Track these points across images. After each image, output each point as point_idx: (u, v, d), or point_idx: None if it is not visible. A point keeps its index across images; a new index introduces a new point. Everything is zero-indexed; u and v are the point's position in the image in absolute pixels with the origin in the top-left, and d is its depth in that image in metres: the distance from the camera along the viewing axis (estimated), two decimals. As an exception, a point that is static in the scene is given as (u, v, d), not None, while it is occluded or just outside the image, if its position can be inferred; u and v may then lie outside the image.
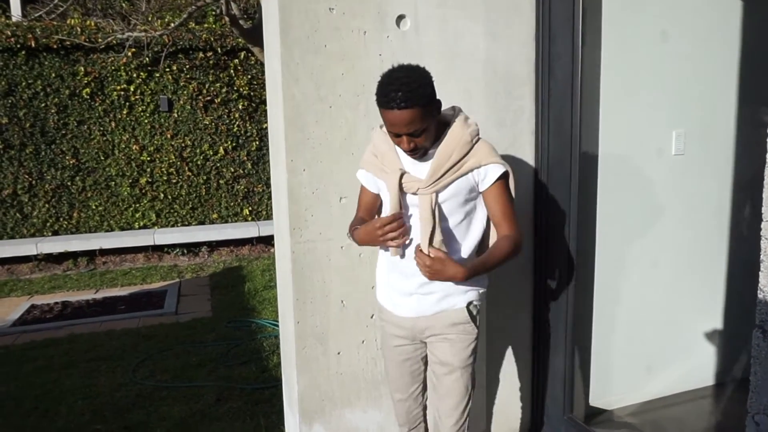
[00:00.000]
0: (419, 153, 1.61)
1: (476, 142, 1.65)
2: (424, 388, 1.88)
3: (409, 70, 1.53)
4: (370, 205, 1.84)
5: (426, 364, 1.84)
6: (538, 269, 2.42)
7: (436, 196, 1.63)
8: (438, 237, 1.62)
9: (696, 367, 2.76)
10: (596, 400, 2.56)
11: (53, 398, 3.27)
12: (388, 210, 1.71)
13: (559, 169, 2.26)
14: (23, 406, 3.19)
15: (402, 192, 1.67)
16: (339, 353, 2.16)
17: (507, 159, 2.30)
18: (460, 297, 1.71)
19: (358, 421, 2.22)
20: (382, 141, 1.70)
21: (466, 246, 1.71)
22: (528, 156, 2.35)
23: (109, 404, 3.18)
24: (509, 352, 2.45)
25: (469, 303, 1.73)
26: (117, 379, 3.50)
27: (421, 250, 1.60)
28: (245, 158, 6.87)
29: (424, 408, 1.91)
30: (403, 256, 1.70)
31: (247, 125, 6.84)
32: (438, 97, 1.60)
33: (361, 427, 2.23)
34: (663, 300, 2.63)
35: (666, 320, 2.65)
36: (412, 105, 1.48)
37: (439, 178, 1.62)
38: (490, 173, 1.65)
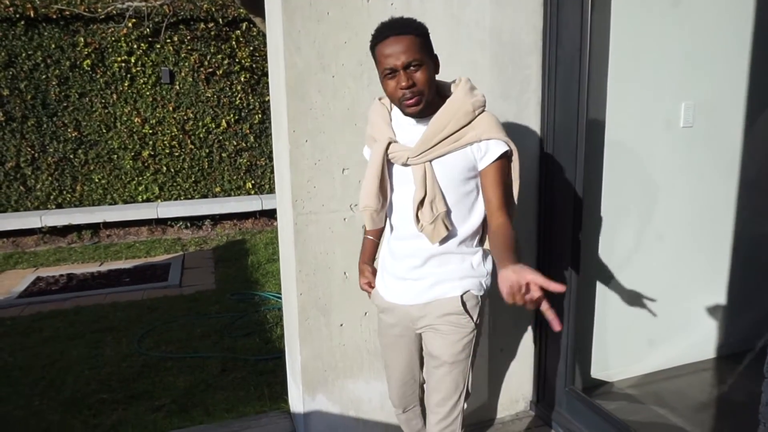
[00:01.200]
0: (418, 98, 1.42)
1: (479, 113, 1.48)
2: (421, 371, 1.78)
3: (401, 16, 1.50)
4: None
5: (422, 356, 1.73)
6: (541, 242, 2.41)
7: (431, 166, 1.47)
8: (441, 209, 1.47)
9: (698, 340, 2.77)
10: (598, 372, 2.57)
11: (60, 368, 3.31)
12: (366, 183, 1.54)
13: (565, 141, 2.23)
14: (30, 375, 3.24)
15: (389, 163, 1.53)
16: (342, 325, 2.17)
17: (512, 131, 2.28)
18: (453, 284, 1.55)
19: (360, 392, 2.24)
20: (376, 111, 1.60)
21: (465, 230, 1.54)
22: (534, 127, 2.31)
23: (114, 374, 3.22)
24: (512, 326, 2.45)
25: (465, 292, 1.55)
26: (122, 349, 3.54)
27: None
28: (248, 131, 6.83)
29: (422, 390, 1.80)
30: (392, 233, 1.60)
31: (250, 98, 6.77)
32: (436, 52, 1.51)
33: (364, 398, 2.25)
34: (667, 273, 2.62)
35: (669, 293, 2.65)
36: (410, 32, 1.41)
37: (430, 148, 1.45)
38: (491, 150, 1.47)
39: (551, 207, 2.34)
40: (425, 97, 1.44)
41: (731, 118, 2.57)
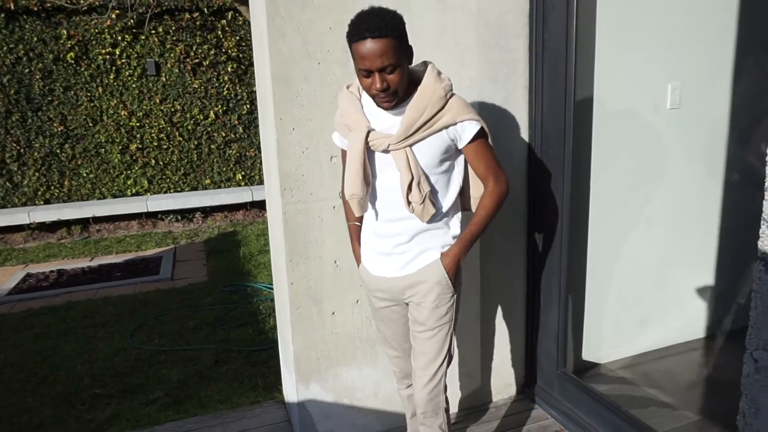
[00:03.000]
0: (390, 97, 1.50)
1: (450, 97, 1.57)
2: None
3: (379, 8, 1.48)
4: None
5: None
6: (531, 226, 2.41)
7: (411, 150, 1.56)
8: (425, 188, 1.56)
9: (688, 320, 2.80)
10: (589, 354, 2.59)
11: (52, 364, 3.30)
12: (351, 172, 1.59)
13: (553, 124, 2.23)
14: (22, 372, 3.22)
15: (369, 151, 1.59)
16: (333, 313, 2.17)
17: (500, 115, 2.27)
18: (434, 252, 1.66)
19: (354, 379, 2.24)
20: (346, 100, 1.63)
21: (446, 201, 1.65)
22: (522, 111, 2.31)
23: (107, 369, 3.21)
24: (503, 310, 2.46)
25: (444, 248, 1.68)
26: (115, 344, 3.53)
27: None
28: (236, 122, 6.78)
29: None
30: (377, 218, 1.67)
31: (237, 88, 6.71)
32: (411, 44, 1.52)
33: (357, 385, 2.25)
34: (656, 255, 2.64)
35: (659, 275, 2.67)
36: (387, 34, 1.41)
37: (411, 134, 1.54)
38: (467, 130, 1.58)
39: (541, 190, 2.34)
40: (399, 95, 1.52)
41: (719, 100, 2.57)
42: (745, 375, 1.10)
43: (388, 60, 1.43)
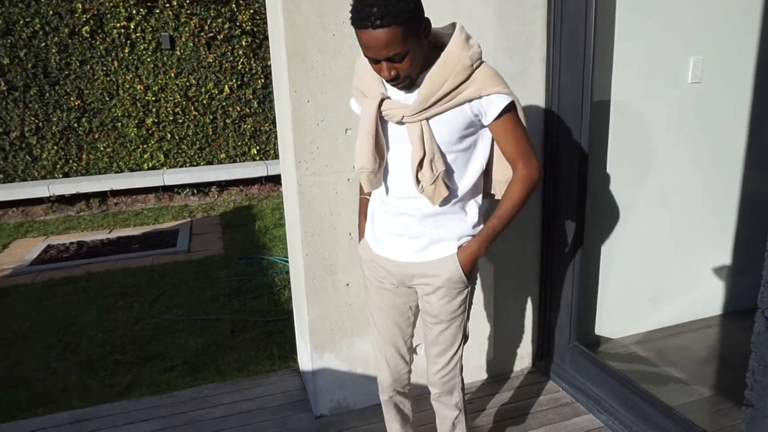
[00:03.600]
0: (403, 83, 1.35)
1: (477, 66, 1.37)
2: (411, 347, 1.73)
3: None
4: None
5: (415, 315, 1.68)
6: (546, 200, 2.41)
7: (428, 123, 1.40)
8: (440, 168, 1.41)
9: (704, 297, 2.79)
10: (602, 329, 2.60)
11: (74, 332, 3.39)
12: (361, 143, 1.46)
13: (571, 98, 2.20)
14: (47, 339, 3.32)
15: (383, 121, 1.44)
16: (348, 285, 2.20)
17: (516, 87, 2.25)
18: (451, 244, 1.51)
19: (367, 350, 2.28)
20: (362, 65, 1.48)
21: (464, 184, 1.48)
22: (538, 84, 2.28)
23: (127, 337, 3.29)
24: (517, 283, 2.48)
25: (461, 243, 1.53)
26: (134, 313, 3.62)
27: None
28: (251, 96, 6.78)
29: (409, 372, 1.74)
30: (388, 193, 1.53)
31: (252, 62, 6.70)
32: (427, 16, 1.34)
33: (371, 355, 2.29)
34: (673, 230, 2.62)
35: (675, 251, 2.65)
36: (390, 22, 1.22)
37: (428, 107, 1.37)
38: (494, 104, 1.38)
39: (556, 164, 2.32)
40: (413, 78, 1.36)
41: (741, 74, 2.52)
42: (756, 333, 1.11)
43: (395, 50, 1.26)
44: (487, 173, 1.55)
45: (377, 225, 1.60)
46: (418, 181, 1.43)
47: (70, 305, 3.78)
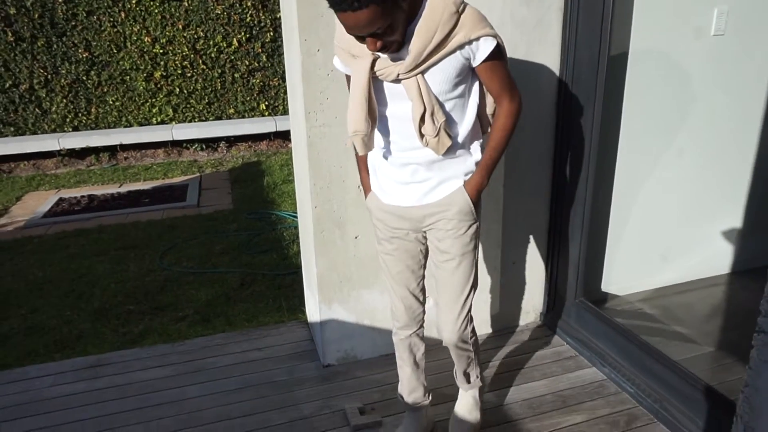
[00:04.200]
0: (391, 48, 1.36)
1: (462, 10, 1.37)
2: (423, 288, 1.78)
3: None
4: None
5: (425, 257, 1.73)
6: (558, 154, 2.37)
7: (423, 77, 1.41)
8: (441, 119, 1.43)
9: (712, 255, 2.78)
10: (608, 286, 2.61)
11: (87, 282, 3.46)
12: (354, 106, 1.45)
13: (588, 49, 2.14)
14: (61, 288, 3.39)
15: (375, 80, 1.45)
16: (356, 237, 2.20)
17: (532, 37, 2.19)
18: (457, 180, 1.57)
19: (375, 302, 2.31)
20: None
21: (463, 129, 1.53)
22: (555, 34, 2.22)
23: (139, 288, 3.35)
24: (525, 238, 2.48)
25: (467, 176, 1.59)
26: (145, 265, 3.67)
27: None
28: (260, 50, 6.66)
29: (423, 312, 1.80)
30: (391, 148, 1.55)
31: (261, 14, 6.55)
32: None
33: (378, 307, 2.32)
34: (686, 188, 2.59)
35: (687, 209, 2.63)
36: (368, 2, 1.21)
37: (422, 61, 1.38)
38: (482, 48, 1.41)
39: (569, 117, 2.28)
40: (400, 41, 1.36)
41: (767, 26, 2.43)
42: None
43: (377, 26, 1.26)
44: (480, 115, 1.59)
45: (382, 177, 1.62)
46: (421, 135, 1.45)
47: (83, 257, 3.84)
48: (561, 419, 2.01)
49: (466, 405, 1.92)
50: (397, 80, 1.42)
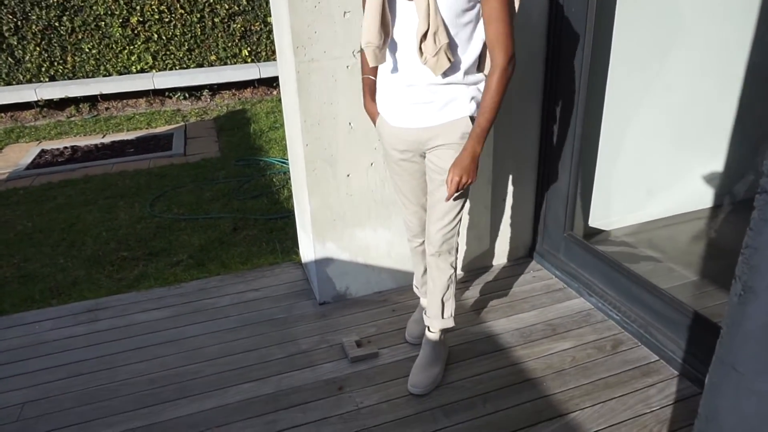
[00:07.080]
0: None
1: None
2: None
3: None
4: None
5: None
6: (547, 89, 2.37)
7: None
8: (443, 40, 1.46)
9: (697, 189, 2.83)
10: (596, 221, 2.66)
11: (78, 231, 3.45)
12: (368, 18, 1.49)
13: (579, -21, 2.10)
14: (51, 237, 3.38)
15: None
16: (348, 175, 2.21)
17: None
18: (463, 105, 1.60)
19: (368, 239, 2.34)
20: None
21: (466, 59, 1.55)
22: (545, -35, 2.17)
23: (131, 235, 3.35)
24: (515, 173, 2.50)
25: (474, 112, 1.64)
26: (136, 213, 3.66)
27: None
28: (239, -7, 6.43)
29: None
30: (398, 67, 1.58)
31: (239, -46, 6.29)
32: None
33: (372, 244, 2.36)
34: (672, 123, 2.61)
35: (673, 144, 2.66)
36: None
37: None
38: None
39: (559, 51, 2.26)
40: None
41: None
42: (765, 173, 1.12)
43: None
44: (484, 52, 1.59)
45: (389, 100, 1.67)
46: (421, 53, 1.50)
47: (71, 206, 3.81)
48: (551, 346, 2.09)
49: (428, 356, 1.93)
50: None
